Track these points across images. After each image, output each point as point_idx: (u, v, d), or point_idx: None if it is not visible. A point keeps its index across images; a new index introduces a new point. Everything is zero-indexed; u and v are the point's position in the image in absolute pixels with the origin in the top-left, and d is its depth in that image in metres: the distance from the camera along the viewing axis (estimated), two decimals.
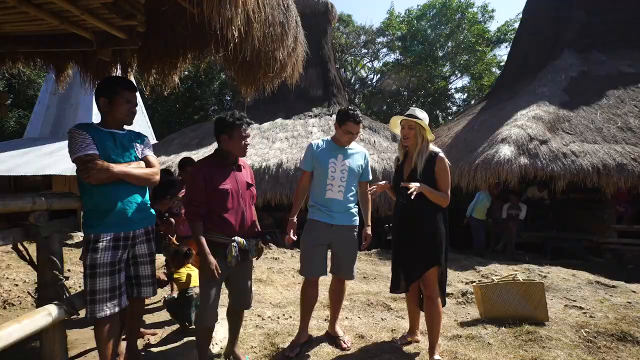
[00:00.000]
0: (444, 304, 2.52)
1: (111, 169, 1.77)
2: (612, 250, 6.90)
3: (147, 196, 2.08)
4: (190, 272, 2.96)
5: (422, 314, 2.66)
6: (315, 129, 10.08)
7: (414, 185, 2.25)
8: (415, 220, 2.41)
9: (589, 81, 8.95)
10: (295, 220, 2.61)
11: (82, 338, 2.64)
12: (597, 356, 2.51)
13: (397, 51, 21.54)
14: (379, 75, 23.33)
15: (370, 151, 8.68)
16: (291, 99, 11.77)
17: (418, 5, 20.87)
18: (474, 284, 3.38)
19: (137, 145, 2.00)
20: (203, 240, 2.03)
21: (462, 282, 4.58)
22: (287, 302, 3.81)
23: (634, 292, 4.13)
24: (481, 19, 20.18)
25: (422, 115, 2.48)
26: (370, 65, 23.79)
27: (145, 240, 2.03)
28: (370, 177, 2.76)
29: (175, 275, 2.96)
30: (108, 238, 1.82)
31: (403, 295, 2.87)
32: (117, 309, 1.84)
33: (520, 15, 13.96)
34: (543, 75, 9.48)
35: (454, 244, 6.69)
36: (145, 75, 4.01)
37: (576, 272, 4.85)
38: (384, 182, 2.64)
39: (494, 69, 20.75)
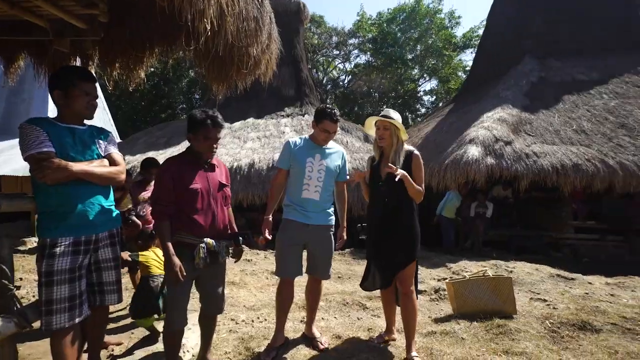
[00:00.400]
0: (415, 288, 2.56)
1: (69, 168, 1.62)
2: (569, 245, 7.34)
3: (112, 196, 1.93)
4: (157, 258, 2.72)
5: (397, 311, 2.68)
6: (288, 128, 10.00)
7: (400, 172, 2.29)
8: (396, 215, 2.45)
9: (547, 86, 9.50)
10: (270, 219, 2.55)
11: (36, 352, 2.42)
12: (561, 345, 2.64)
13: (368, 53, 21.87)
14: (350, 77, 23.59)
15: None
16: (263, 98, 11.64)
17: (388, 9, 21.27)
18: (447, 280, 3.46)
19: (100, 141, 1.85)
20: (167, 240, 1.94)
21: (434, 279, 4.68)
22: (262, 304, 3.72)
23: (590, 283, 4.41)
24: (448, 25, 20.92)
25: (396, 116, 2.53)
26: (341, 67, 24.02)
27: (110, 244, 1.89)
28: (347, 177, 2.75)
29: (141, 259, 2.70)
30: (67, 242, 1.67)
31: (378, 293, 2.88)
32: (76, 320, 1.69)
33: (485, 22, 14.60)
34: (506, 80, 9.96)
35: (425, 242, 6.81)
36: (108, 69, 3.77)
37: (539, 266, 5.11)
38: (358, 170, 2.64)
39: (460, 73, 21.58)
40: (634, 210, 7.24)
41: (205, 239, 2.01)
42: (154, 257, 2.75)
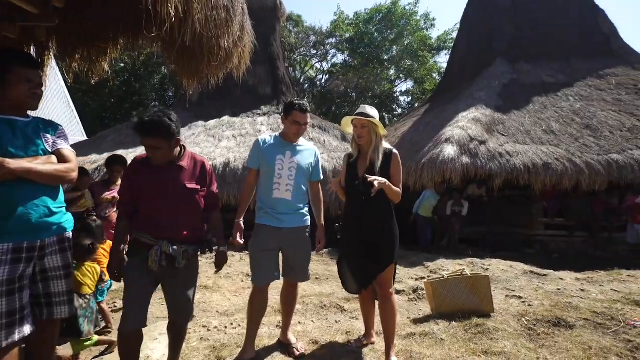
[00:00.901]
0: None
1: (7, 165, 1.43)
2: (540, 242, 7.58)
3: (62, 197, 1.73)
4: (91, 276, 2.52)
5: (376, 313, 2.60)
6: (264, 127, 9.80)
7: (379, 181, 2.19)
8: (374, 215, 2.37)
9: (518, 88, 9.80)
10: (242, 223, 2.40)
11: None
12: (538, 343, 2.64)
13: (346, 52, 21.93)
14: (327, 76, 23.58)
15: (320, 150, 8.63)
16: (239, 96, 11.38)
17: (366, 9, 21.42)
18: (425, 280, 3.42)
19: (47, 135, 1.65)
20: (118, 238, 1.99)
21: (412, 278, 4.66)
22: (236, 309, 3.56)
23: (561, 279, 4.52)
24: (424, 27, 21.28)
25: (373, 112, 2.46)
26: (319, 66, 23.96)
27: (59, 251, 1.69)
28: (322, 177, 2.63)
29: (76, 273, 2.46)
30: (4, 249, 1.47)
31: (356, 295, 2.79)
32: (16, 338, 1.48)
33: (458, 26, 14.94)
34: (479, 81, 10.19)
35: (402, 241, 6.81)
36: (68, 61, 3.50)
37: (513, 263, 5.20)
38: (334, 178, 2.54)
39: (435, 75, 22.03)
40: (598, 208, 7.56)
41: (161, 242, 1.88)
42: (89, 273, 2.52)
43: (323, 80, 23.80)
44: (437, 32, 40.48)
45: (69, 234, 1.76)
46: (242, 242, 2.36)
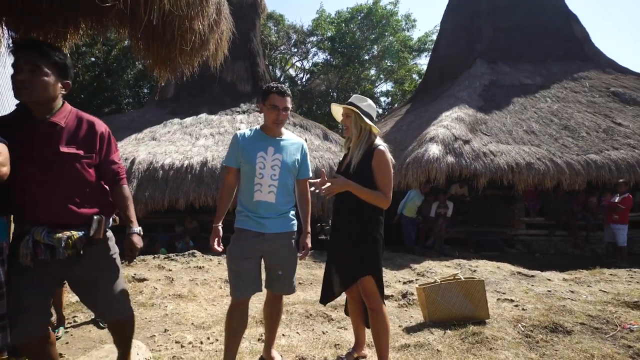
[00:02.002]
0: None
1: None
2: (522, 241, 7.62)
3: None
4: None
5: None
6: (244, 125, 9.46)
7: (328, 184, 1.97)
8: (349, 220, 2.11)
9: (497, 89, 9.90)
10: (220, 228, 2.12)
11: None
12: (538, 352, 2.50)
13: (327, 51, 21.77)
14: (308, 75, 23.34)
15: None
16: (217, 92, 10.98)
17: (347, 8, 21.30)
18: (417, 286, 3.24)
19: None
20: None
21: (399, 281, 4.49)
22: (213, 320, 3.26)
23: (549, 280, 4.46)
24: (404, 27, 21.40)
25: (363, 103, 2.18)
26: (299, 65, 23.69)
27: None
28: (311, 174, 2.33)
29: None
30: None
31: (343, 301, 2.54)
32: None
33: (439, 27, 15.04)
34: (461, 82, 10.24)
35: (386, 242, 6.69)
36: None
37: (500, 264, 5.13)
38: (318, 180, 2.22)
39: (415, 76, 22.19)
40: (577, 207, 7.68)
41: (35, 228, 1.52)
42: None
43: (304, 79, 23.55)
44: (418, 32, 41.05)
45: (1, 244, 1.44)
46: (220, 249, 2.08)
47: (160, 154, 7.95)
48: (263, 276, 2.15)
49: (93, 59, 16.69)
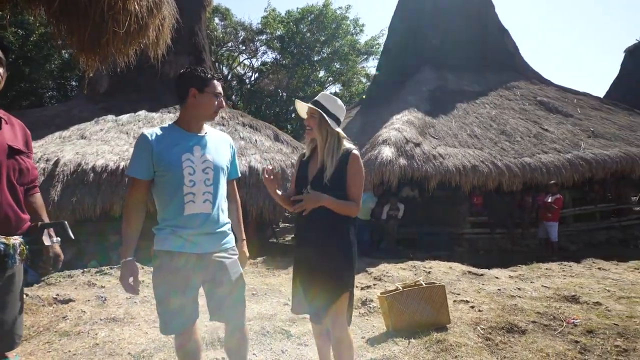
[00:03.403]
0: (349, 323, 1.94)
1: None
2: (468, 240, 8.03)
3: None
4: None
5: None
6: None
7: (310, 202, 1.79)
8: (322, 233, 1.87)
9: (443, 94, 10.39)
10: (131, 261, 1.65)
11: None
12: (499, 355, 2.51)
13: (276, 51, 21.42)
14: (257, 74, 22.77)
15: (252, 150, 8.03)
16: (159, 89, 10.15)
17: (297, 8, 21.14)
18: (379, 294, 3.13)
19: None
20: None
21: (357, 287, 4.38)
22: (155, 346, 2.84)
23: (497, 278, 4.66)
24: (353, 32, 21.79)
25: (331, 104, 1.95)
26: (248, 63, 23.03)
27: None
28: (239, 174, 2.01)
29: None
30: None
31: (304, 315, 2.30)
32: None
33: (385, 32, 15.50)
34: (409, 86, 10.58)
35: None
36: None
37: (452, 264, 5.27)
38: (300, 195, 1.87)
39: (362, 79, 22.71)
40: (515, 206, 8.28)
41: None
42: None
43: (252, 78, 22.93)
44: (364, 37, 42.22)
45: None
46: (138, 289, 1.65)
47: (91, 155, 7.08)
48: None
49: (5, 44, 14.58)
